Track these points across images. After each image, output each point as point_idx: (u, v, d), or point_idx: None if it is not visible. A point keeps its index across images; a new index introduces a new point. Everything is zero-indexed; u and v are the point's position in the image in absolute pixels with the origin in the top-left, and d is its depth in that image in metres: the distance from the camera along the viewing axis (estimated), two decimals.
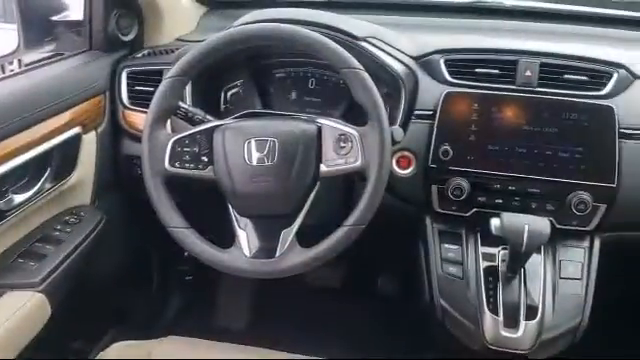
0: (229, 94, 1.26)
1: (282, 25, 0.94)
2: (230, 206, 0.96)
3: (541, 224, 0.98)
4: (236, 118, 1.00)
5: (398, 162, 1.10)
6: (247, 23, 1.06)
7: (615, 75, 1.08)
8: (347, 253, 0.92)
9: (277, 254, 0.92)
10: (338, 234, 0.91)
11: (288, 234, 0.93)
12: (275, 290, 1.49)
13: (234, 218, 0.96)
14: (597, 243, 1.08)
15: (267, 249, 0.93)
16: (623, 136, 1.05)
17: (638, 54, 1.16)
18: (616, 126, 1.04)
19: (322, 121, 0.94)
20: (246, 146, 0.92)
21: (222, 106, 1.25)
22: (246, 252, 0.93)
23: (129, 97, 1.25)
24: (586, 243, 1.08)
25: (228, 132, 0.94)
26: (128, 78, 1.25)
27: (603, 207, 1.04)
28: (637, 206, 1.06)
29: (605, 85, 1.08)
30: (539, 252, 1.06)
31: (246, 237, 0.94)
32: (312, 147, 0.92)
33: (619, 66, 1.09)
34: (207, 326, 1.63)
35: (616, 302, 1.30)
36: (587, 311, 1.04)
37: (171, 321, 1.64)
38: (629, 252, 1.10)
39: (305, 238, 0.93)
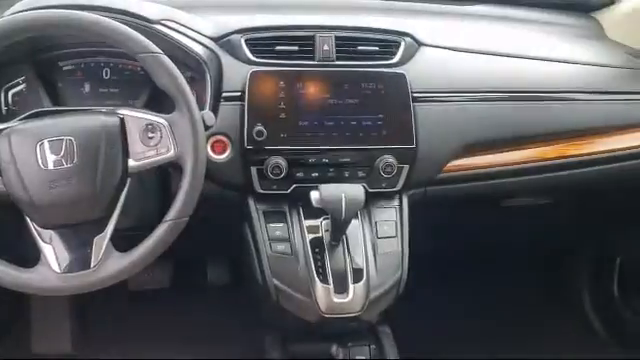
0: (10, 94, 1.12)
1: (64, 11, 0.85)
2: (29, 219, 0.85)
3: (356, 191, 1.03)
4: (22, 120, 0.89)
5: (213, 147, 1.06)
6: (20, 11, 0.94)
7: (402, 43, 1.16)
8: (172, 249, 0.88)
9: (93, 264, 0.84)
10: (159, 232, 0.87)
11: (102, 240, 0.86)
12: (98, 303, 1.38)
13: (35, 232, 0.85)
14: (405, 201, 1.16)
15: (80, 260, 0.85)
16: (416, 100, 1.13)
17: (421, 22, 1.26)
18: (409, 91, 1.12)
19: (124, 112, 0.88)
20: (38, 149, 0.82)
21: (3, 109, 1.11)
22: (56, 268, 0.84)
23: None
24: (396, 202, 1.16)
25: (14, 136, 0.83)
26: None
27: (407, 167, 1.12)
28: (434, 163, 1.16)
29: (395, 54, 1.15)
30: (357, 217, 1.11)
31: (53, 251, 0.85)
32: (116, 141, 0.86)
33: (405, 35, 1.17)
34: (28, 353, 1.46)
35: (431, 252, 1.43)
36: (405, 265, 1.12)
37: None
38: (433, 205, 1.20)
39: (123, 242, 0.86)
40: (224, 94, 1.08)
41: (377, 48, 1.14)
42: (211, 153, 1.06)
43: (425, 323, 1.56)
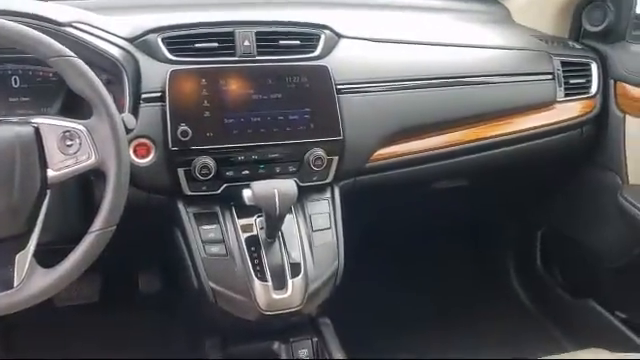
0: None
1: None
2: None
3: (288, 186, 1.02)
4: None
5: (136, 151, 1.02)
6: None
7: (323, 36, 1.17)
8: (100, 261, 0.84)
9: (16, 283, 0.80)
10: (85, 244, 0.83)
11: (24, 257, 0.81)
12: (23, 325, 1.30)
13: None
14: (337, 192, 1.17)
15: (2, 280, 0.80)
16: (340, 92, 1.14)
17: (340, 15, 1.28)
18: (333, 83, 1.13)
19: (38, 120, 0.83)
20: None
21: None
22: None
23: None
24: (328, 194, 1.16)
25: None
26: None
27: (336, 159, 1.13)
28: (362, 153, 1.17)
29: (316, 47, 1.16)
30: (291, 212, 1.10)
31: None
32: (32, 152, 0.81)
33: (325, 27, 1.18)
34: None
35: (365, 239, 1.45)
36: (341, 255, 1.13)
37: None
38: (364, 194, 1.22)
39: (47, 257, 0.82)
40: (144, 95, 1.04)
41: (298, 42, 1.14)
42: (134, 157, 1.02)
43: (364, 310, 1.59)
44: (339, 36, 1.20)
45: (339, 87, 1.14)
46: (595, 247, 1.50)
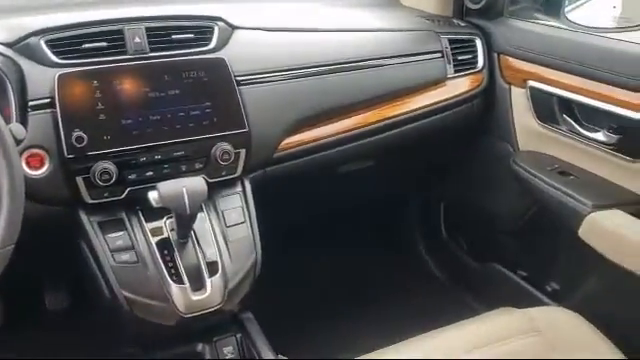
0: None
1: None
2: None
3: (197, 183, 1.00)
4: None
5: (29, 163, 0.96)
6: None
7: (216, 28, 1.15)
8: (1, 283, 0.78)
9: None
10: None
11: None
12: None
13: None
14: (248, 185, 1.16)
15: None
16: (240, 83, 1.13)
17: (233, 6, 1.27)
18: (231, 75, 1.11)
19: None
20: None
21: None
22: None
23: None
24: (239, 188, 1.15)
25: None
26: None
27: (243, 152, 1.12)
28: (268, 143, 1.17)
29: (210, 39, 1.14)
30: (202, 210, 1.08)
31: None
32: None
33: (218, 19, 1.16)
34: None
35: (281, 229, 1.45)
36: (258, 248, 1.12)
37: None
38: (275, 184, 1.22)
39: None
40: (31, 103, 0.98)
41: (192, 35, 1.12)
42: (27, 169, 0.95)
43: (285, 300, 1.59)
44: (233, 27, 1.19)
45: (238, 79, 1.13)
46: (493, 213, 1.59)
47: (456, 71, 1.43)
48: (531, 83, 1.38)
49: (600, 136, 1.25)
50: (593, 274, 1.30)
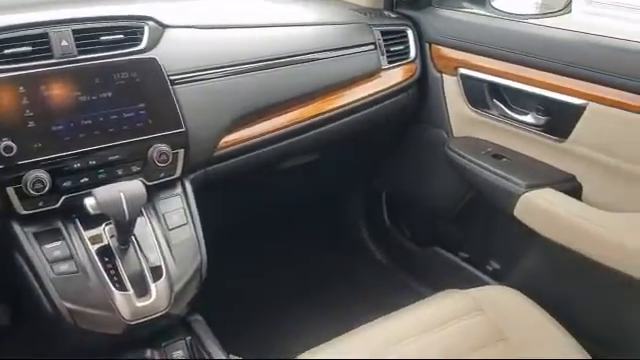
0: None
1: None
2: None
3: (135, 187, 0.98)
4: None
5: None
6: None
7: (146, 28, 1.12)
8: None
9: None
10: None
11: None
12: None
13: None
14: (188, 186, 1.14)
15: None
16: (174, 83, 1.11)
17: (162, 5, 1.24)
18: (165, 75, 1.09)
19: None
20: None
21: None
22: None
23: None
24: (179, 189, 1.13)
25: None
26: None
27: (182, 152, 1.10)
28: (207, 142, 1.16)
29: (141, 40, 1.11)
30: (142, 214, 1.06)
31: None
32: None
33: (147, 19, 1.13)
34: None
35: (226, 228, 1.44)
36: (203, 250, 1.11)
37: None
38: (217, 183, 1.21)
39: None
40: None
41: (122, 36, 1.08)
42: None
43: (234, 300, 1.58)
44: (164, 26, 1.16)
45: (172, 78, 1.11)
46: (433, 199, 1.63)
47: (390, 62, 1.45)
48: (461, 71, 1.42)
49: (529, 118, 1.30)
50: (530, 252, 1.35)
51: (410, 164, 1.67)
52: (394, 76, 1.46)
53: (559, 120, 1.23)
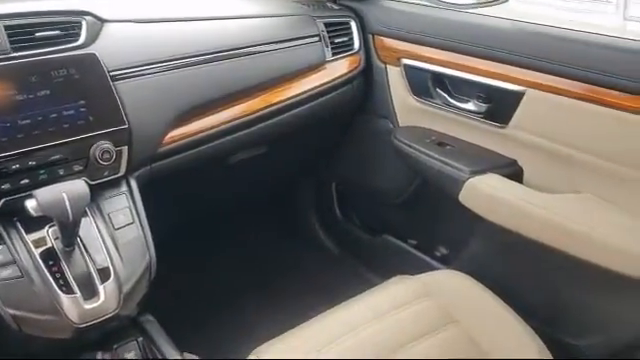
0: None
1: None
2: None
3: (78, 187, 0.95)
4: None
5: None
6: None
7: (84, 23, 1.09)
8: None
9: None
10: None
11: None
12: None
13: None
14: (134, 184, 1.12)
15: None
16: (115, 78, 1.08)
17: (100, 0, 1.19)
18: (105, 71, 1.06)
19: None
20: None
21: None
22: None
23: None
24: (124, 188, 1.11)
25: None
26: None
27: (125, 149, 1.08)
28: (152, 138, 1.14)
29: (79, 35, 1.08)
30: (87, 215, 1.03)
31: None
32: None
33: (85, 13, 1.10)
34: None
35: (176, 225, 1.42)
36: (151, 248, 1.09)
37: None
38: (164, 179, 1.19)
39: None
40: None
41: (58, 32, 1.05)
42: None
43: (188, 298, 1.56)
44: (103, 21, 1.13)
45: (113, 74, 1.08)
46: (381, 188, 1.66)
47: (334, 54, 1.46)
48: (405, 61, 1.44)
49: (471, 106, 1.34)
50: (476, 236, 1.40)
51: (358, 154, 1.69)
52: (339, 68, 1.47)
53: (499, 107, 1.27)
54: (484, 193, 1.24)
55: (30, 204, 0.93)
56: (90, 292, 0.99)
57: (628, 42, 1.09)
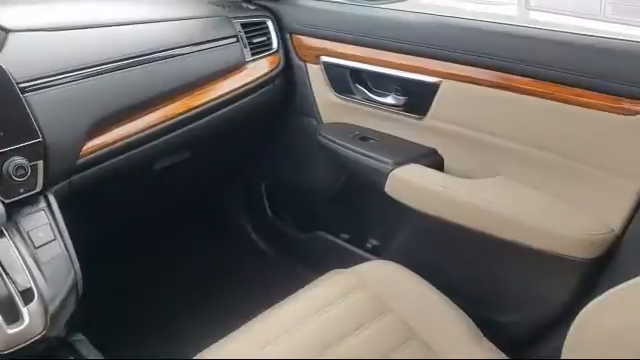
0: None
1: None
2: None
3: None
4: None
5: None
6: None
7: None
8: None
9: None
10: None
11: None
12: None
13: None
14: (52, 199, 1.07)
15: None
16: (25, 90, 1.03)
17: (4, 9, 1.16)
18: (13, 82, 1.01)
19: None
20: None
21: None
22: None
23: None
24: (43, 204, 1.06)
25: None
26: None
27: (40, 163, 1.03)
28: (68, 151, 1.09)
29: None
30: (3, 235, 0.98)
31: None
32: None
33: None
34: None
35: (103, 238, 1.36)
36: (76, 265, 1.05)
37: None
38: (85, 193, 1.15)
39: None
40: None
41: None
42: None
43: (120, 313, 1.52)
44: (7, 31, 1.08)
45: (22, 85, 1.03)
46: (310, 186, 1.67)
47: (253, 54, 1.46)
48: (324, 59, 1.46)
49: (390, 99, 1.37)
50: (404, 225, 1.43)
51: (285, 153, 1.69)
52: (259, 68, 1.47)
53: (417, 99, 1.31)
54: (408, 183, 1.27)
55: None
56: (13, 316, 0.94)
57: (530, 30, 1.15)
